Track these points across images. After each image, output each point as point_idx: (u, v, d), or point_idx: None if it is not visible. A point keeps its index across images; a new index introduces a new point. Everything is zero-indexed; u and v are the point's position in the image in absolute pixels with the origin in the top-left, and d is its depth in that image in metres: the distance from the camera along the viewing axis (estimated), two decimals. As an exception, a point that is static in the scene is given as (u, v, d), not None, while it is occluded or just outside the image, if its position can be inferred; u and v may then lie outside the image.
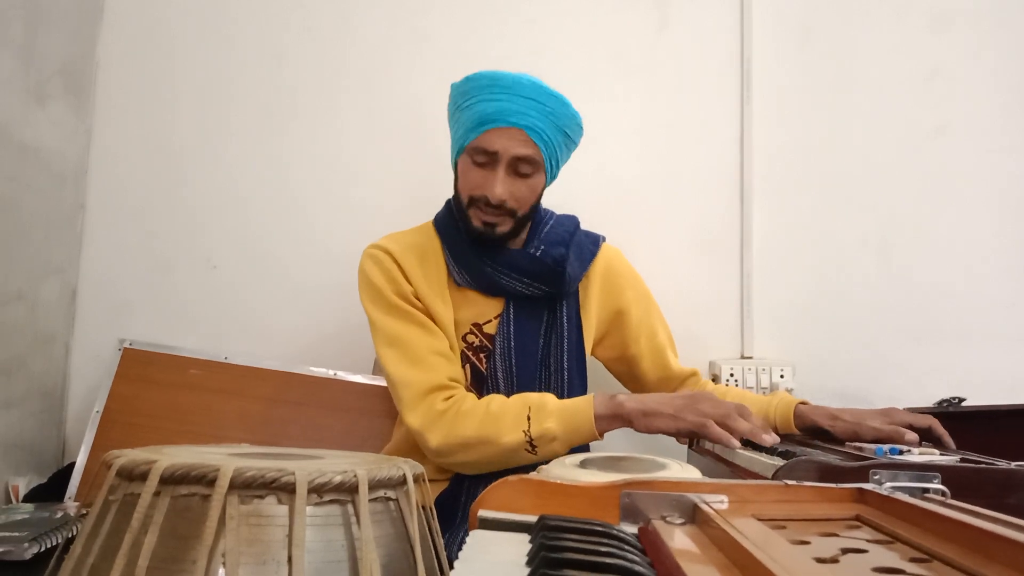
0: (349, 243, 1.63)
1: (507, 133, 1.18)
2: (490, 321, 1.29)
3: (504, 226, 1.24)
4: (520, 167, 1.21)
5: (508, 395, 1.19)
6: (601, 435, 1.12)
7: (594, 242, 1.39)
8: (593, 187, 1.71)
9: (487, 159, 1.21)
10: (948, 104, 1.75)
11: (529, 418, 1.11)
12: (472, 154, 1.22)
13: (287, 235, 1.72)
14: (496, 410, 1.13)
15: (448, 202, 1.35)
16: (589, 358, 1.37)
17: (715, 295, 1.73)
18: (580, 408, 1.12)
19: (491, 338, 1.28)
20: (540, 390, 1.27)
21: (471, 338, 1.29)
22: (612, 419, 1.11)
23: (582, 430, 1.11)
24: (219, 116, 1.74)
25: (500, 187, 1.20)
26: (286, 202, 1.73)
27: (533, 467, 0.92)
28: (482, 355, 1.28)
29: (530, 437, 1.10)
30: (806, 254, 1.74)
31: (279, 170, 1.73)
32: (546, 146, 1.21)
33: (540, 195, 1.28)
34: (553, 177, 1.29)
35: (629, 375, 1.43)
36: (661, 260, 1.65)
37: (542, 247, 1.28)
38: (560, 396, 1.21)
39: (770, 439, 1.02)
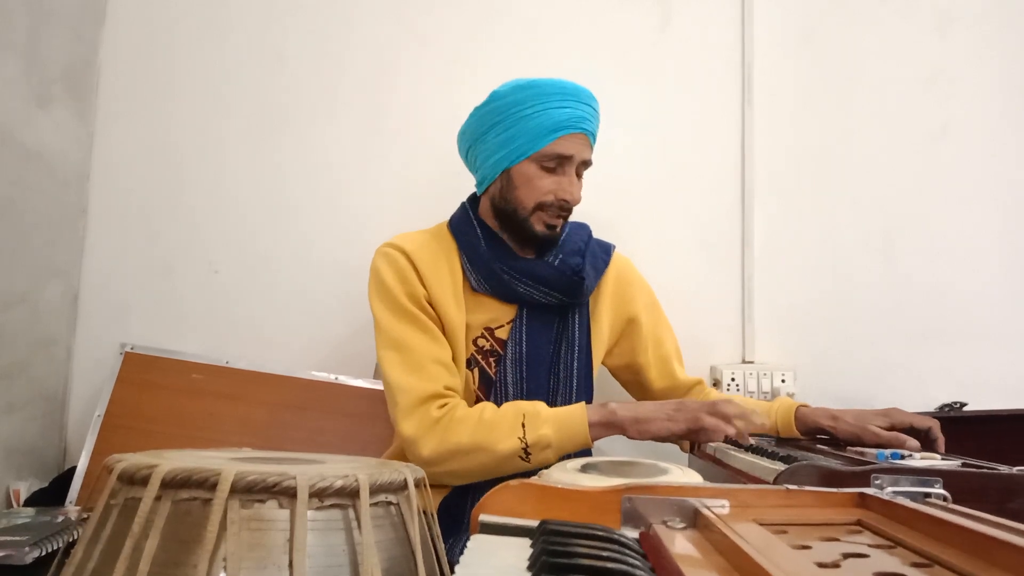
0: (350, 247, 1.63)
1: (578, 139, 1.24)
2: (502, 326, 1.29)
3: (560, 227, 1.29)
4: (581, 171, 1.28)
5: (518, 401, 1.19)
6: (592, 442, 1.13)
7: (606, 251, 1.39)
8: (593, 189, 1.70)
9: (557, 164, 1.24)
10: (951, 106, 1.75)
11: (524, 425, 1.11)
12: (542, 160, 1.24)
13: (288, 240, 1.72)
14: (490, 418, 1.13)
15: (464, 206, 1.34)
16: (597, 366, 1.37)
17: (716, 299, 1.73)
18: (574, 416, 1.13)
19: (502, 343, 1.28)
20: (549, 397, 1.27)
21: (482, 342, 1.29)
22: (605, 427, 1.13)
23: (576, 437, 1.12)
24: (221, 121, 1.74)
25: (578, 190, 1.26)
26: (287, 207, 1.73)
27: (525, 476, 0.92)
28: (492, 359, 1.28)
29: (526, 444, 1.10)
30: (808, 257, 1.74)
31: (280, 175, 1.73)
32: (593, 150, 1.28)
33: None
34: None
35: (636, 383, 1.43)
36: (661, 263, 1.64)
37: (560, 256, 1.29)
38: (568, 404, 1.22)
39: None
